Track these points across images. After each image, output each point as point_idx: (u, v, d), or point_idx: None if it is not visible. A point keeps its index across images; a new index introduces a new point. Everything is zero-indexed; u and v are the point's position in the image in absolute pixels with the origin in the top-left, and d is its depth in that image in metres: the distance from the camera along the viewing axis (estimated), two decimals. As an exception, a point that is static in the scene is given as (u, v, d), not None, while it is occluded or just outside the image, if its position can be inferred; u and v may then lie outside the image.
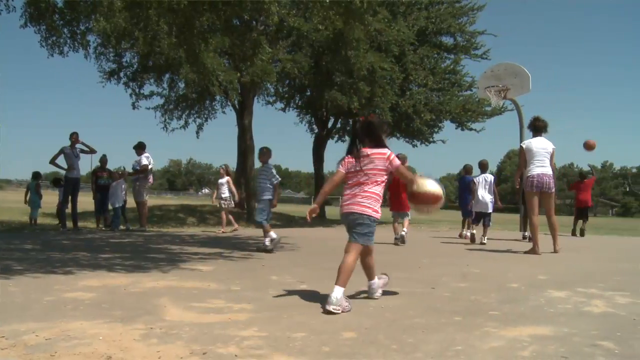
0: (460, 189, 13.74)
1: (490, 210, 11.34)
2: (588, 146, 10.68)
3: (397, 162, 4.34)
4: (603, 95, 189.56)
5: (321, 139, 23.88)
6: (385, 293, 4.64)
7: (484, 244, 10.85)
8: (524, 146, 9.15)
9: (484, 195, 11.39)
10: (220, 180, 14.14)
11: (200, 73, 12.09)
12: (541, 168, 8.85)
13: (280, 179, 9.09)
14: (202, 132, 20.76)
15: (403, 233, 10.52)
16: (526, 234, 12.57)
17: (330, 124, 23.89)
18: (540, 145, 8.94)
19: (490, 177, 11.57)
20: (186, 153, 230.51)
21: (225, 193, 13.75)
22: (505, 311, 4.06)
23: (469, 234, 12.12)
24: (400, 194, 10.70)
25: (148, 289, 4.74)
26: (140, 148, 13.34)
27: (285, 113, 23.39)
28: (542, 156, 8.89)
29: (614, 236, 16.23)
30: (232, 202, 14.03)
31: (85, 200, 14.72)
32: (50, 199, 16.48)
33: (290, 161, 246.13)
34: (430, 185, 4.53)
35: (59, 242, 9.34)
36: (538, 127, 9.11)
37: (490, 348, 3.01)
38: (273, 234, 8.64)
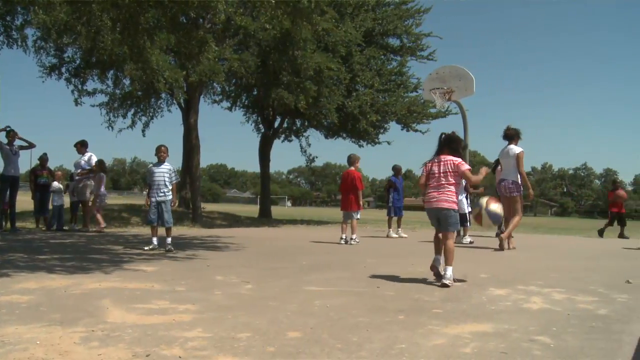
0: (388, 190, 13.92)
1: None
2: None
3: (463, 167, 5.50)
4: (542, 99, 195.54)
5: (267, 138, 23.81)
6: (328, 293, 4.68)
7: (472, 242, 11.12)
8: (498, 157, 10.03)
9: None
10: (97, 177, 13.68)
11: (145, 70, 11.87)
12: (504, 175, 9.68)
13: (179, 179, 9.13)
14: (147, 130, 20.49)
15: (352, 242, 10.67)
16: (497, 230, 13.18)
17: (276, 124, 23.86)
18: (504, 155, 9.74)
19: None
20: (131, 151, 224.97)
21: (100, 189, 13.14)
22: (448, 309, 4.14)
23: (394, 234, 13.05)
24: (349, 194, 10.83)
25: (89, 290, 4.63)
26: (83, 146, 13.03)
27: (232, 112, 23.27)
28: (506, 164, 9.63)
29: (552, 235, 16.74)
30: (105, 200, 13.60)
31: (25, 200, 14.27)
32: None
33: (236, 161, 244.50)
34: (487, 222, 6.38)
35: (-4, 243, 9.03)
36: (508, 136, 9.78)
37: (433, 345, 3.06)
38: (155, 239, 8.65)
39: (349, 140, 22.85)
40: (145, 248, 8.49)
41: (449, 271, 5.31)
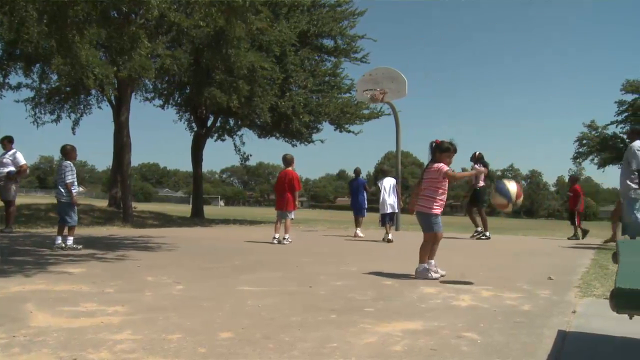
0: (352, 191, 14.16)
1: (396, 211, 11.70)
2: None
3: (444, 169, 5.88)
4: (470, 100, 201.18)
5: (200, 137, 23.46)
6: (261, 293, 4.67)
7: (391, 241, 11.21)
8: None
9: (389, 197, 11.77)
10: None
11: (73, 66, 11.48)
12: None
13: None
14: (77, 128, 19.96)
15: (285, 242, 10.66)
16: (479, 229, 13.78)
17: (209, 123, 23.57)
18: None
19: (393, 181, 11.99)
20: (58, 149, 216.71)
21: None
22: (379, 308, 4.20)
23: (360, 234, 13.16)
24: (284, 193, 10.82)
25: (12, 294, 4.45)
26: (10, 142, 12.49)
27: (164, 110, 22.83)
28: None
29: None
30: None
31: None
32: None
33: (168, 160, 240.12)
34: (498, 199, 5.87)
35: None
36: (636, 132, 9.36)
37: (364, 344, 3.11)
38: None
39: (282, 140, 22.85)
40: (80, 247, 8.26)
41: (420, 266, 5.92)
